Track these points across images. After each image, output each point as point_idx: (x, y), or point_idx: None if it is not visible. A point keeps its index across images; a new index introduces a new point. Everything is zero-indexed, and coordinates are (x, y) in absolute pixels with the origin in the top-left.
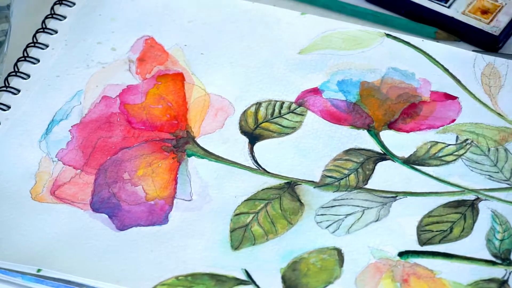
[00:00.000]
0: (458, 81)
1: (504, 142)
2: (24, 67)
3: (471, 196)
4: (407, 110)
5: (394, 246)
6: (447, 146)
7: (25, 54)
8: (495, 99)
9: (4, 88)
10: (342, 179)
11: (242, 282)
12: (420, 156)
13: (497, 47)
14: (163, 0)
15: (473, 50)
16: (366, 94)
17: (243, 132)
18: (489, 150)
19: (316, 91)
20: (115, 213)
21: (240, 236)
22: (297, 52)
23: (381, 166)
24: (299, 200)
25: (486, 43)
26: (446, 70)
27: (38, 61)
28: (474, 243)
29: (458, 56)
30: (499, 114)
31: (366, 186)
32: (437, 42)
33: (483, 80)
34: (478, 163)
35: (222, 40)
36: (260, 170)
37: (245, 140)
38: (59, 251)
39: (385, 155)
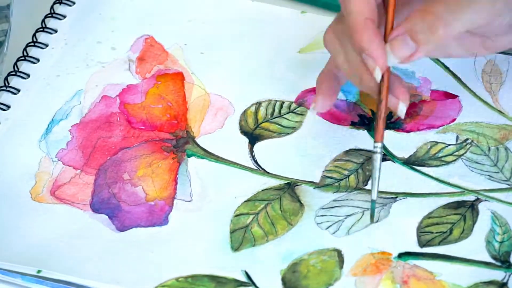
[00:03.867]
0: (458, 79)
1: (504, 140)
2: (24, 66)
3: (471, 197)
4: (407, 110)
5: (394, 247)
6: (447, 146)
7: (25, 54)
8: (496, 96)
9: (4, 88)
10: (342, 179)
11: (242, 283)
12: (420, 156)
13: None
14: None
15: None
16: (366, 94)
17: (243, 132)
18: (489, 149)
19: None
20: (115, 214)
21: (240, 237)
22: (297, 51)
23: (381, 166)
24: (299, 201)
25: None
26: (446, 68)
27: (38, 60)
28: (474, 245)
29: None
30: (499, 112)
31: (366, 187)
32: None
33: (484, 77)
34: (478, 163)
35: (222, 39)
36: (260, 170)
37: (245, 140)
38: (59, 252)
39: (385, 155)
